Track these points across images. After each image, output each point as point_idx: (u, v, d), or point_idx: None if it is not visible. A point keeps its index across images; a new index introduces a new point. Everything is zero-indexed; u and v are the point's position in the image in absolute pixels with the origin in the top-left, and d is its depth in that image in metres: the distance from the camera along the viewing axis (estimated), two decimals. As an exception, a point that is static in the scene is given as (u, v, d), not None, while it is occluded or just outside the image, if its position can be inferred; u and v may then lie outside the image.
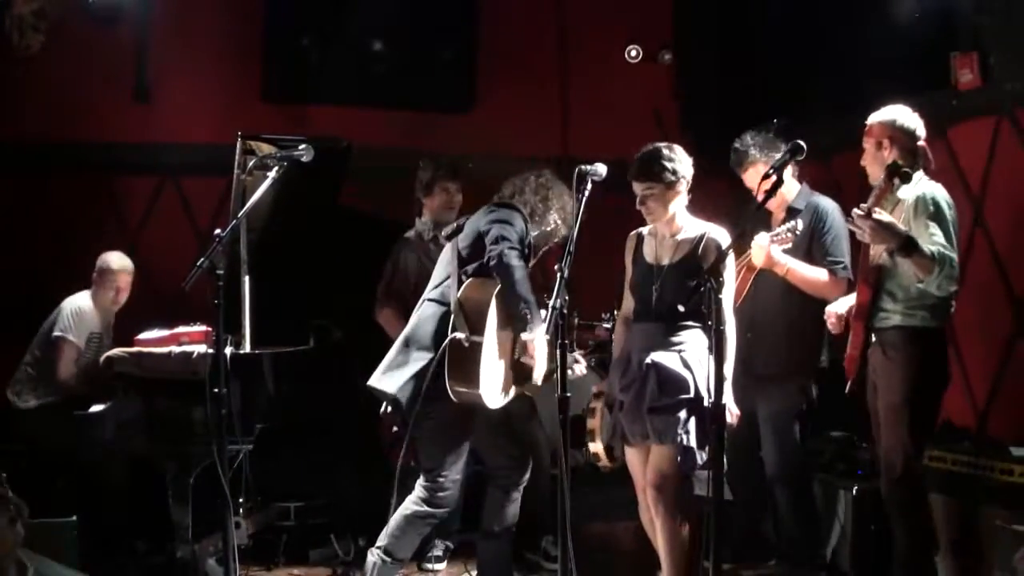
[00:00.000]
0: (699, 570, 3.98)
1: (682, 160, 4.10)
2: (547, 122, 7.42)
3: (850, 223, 4.14)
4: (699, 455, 3.97)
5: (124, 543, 5.13)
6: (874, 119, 4.32)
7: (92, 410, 4.95)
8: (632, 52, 7.22)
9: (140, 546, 5.15)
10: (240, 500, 5.07)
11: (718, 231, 4.12)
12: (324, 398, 5.23)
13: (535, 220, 4.37)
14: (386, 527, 4.22)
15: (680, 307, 4.02)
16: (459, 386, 4.05)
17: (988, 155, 5.37)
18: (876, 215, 4.03)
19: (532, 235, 4.34)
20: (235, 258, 4.76)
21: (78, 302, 5.52)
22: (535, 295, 4.10)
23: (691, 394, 4.00)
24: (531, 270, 4.25)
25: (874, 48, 5.74)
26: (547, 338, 3.98)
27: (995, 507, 4.41)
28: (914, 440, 4.18)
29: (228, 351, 4.30)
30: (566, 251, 3.77)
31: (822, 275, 4.71)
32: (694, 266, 4.05)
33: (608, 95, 7.32)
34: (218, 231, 3.89)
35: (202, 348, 4.59)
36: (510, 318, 4.12)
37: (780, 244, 4.62)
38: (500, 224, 4.16)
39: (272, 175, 4.16)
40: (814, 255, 4.76)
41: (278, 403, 4.76)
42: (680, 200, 4.13)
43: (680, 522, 4.07)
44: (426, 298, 4.32)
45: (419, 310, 4.31)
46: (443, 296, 4.24)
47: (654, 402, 4.02)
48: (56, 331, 5.42)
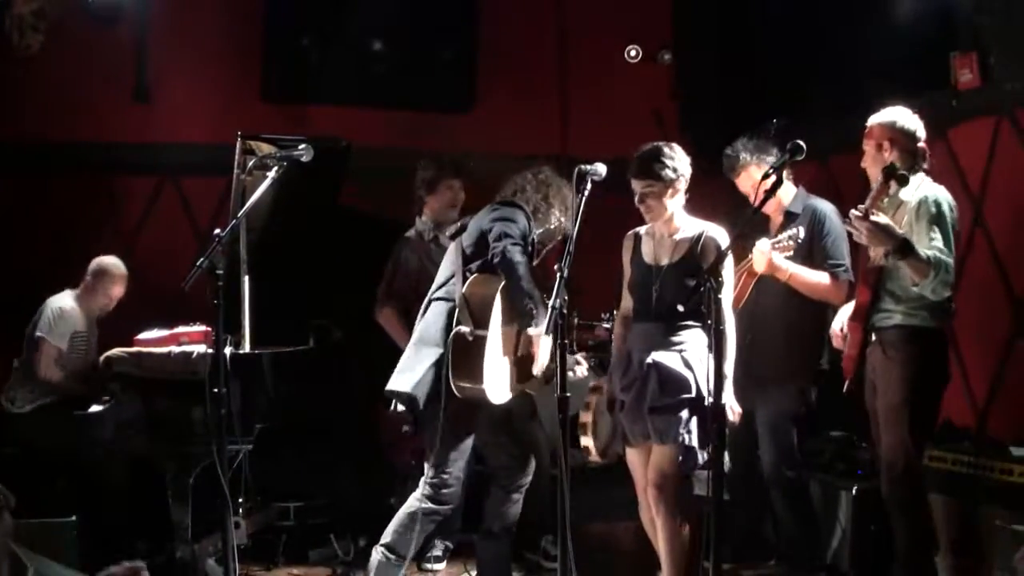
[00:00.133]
0: (699, 570, 3.97)
1: (681, 159, 4.11)
2: (547, 122, 7.42)
3: (847, 224, 4.14)
4: (700, 455, 3.97)
5: (124, 543, 5.11)
6: (874, 121, 4.31)
7: (92, 410, 4.95)
8: (632, 52, 7.21)
9: (140, 546, 5.13)
10: (240, 500, 5.07)
11: (716, 230, 4.12)
12: (324, 398, 5.22)
13: (538, 218, 4.39)
14: (390, 524, 4.24)
15: (680, 307, 4.03)
16: (463, 381, 4.07)
17: (988, 155, 5.37)
18: (873, 217, 4.03)
19: (536, 233, 4.37)
20: (235, 258, 4.76)
21: (60, 303, 5.47)
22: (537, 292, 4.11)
23: (692, 393, 4.00)
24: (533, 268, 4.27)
25: (874, 48, 5.74)
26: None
27: (995, 507, 4.42)
28: (914, 439, 4.18)
29: (228, 351, 4.32)
30: (566, 251, 3.77)
31: (824, 279, 4.71)
32: (693, 265, 4.05)
33: (608, 95, 7.31)
34: (218, 231, 3.89)
35: (202, 348, 4.60)
36: (514, 314, 4.14)
37: (782, 252, 4.61)
38: (503, 222, 4.21)
39: (272, 175, 4.17)
40: (814, 258, 4.75)
41: (278, 403, 4.75)
42: (679, 199, 4.13)
43: (681, 522, 4.07)
44: (432, 298, 4.34)
45: (426, 310, 4.33)
46: (448, 294, 4.27)
47: (655, 402, 4.02)
48: (37, 332, 5.39)
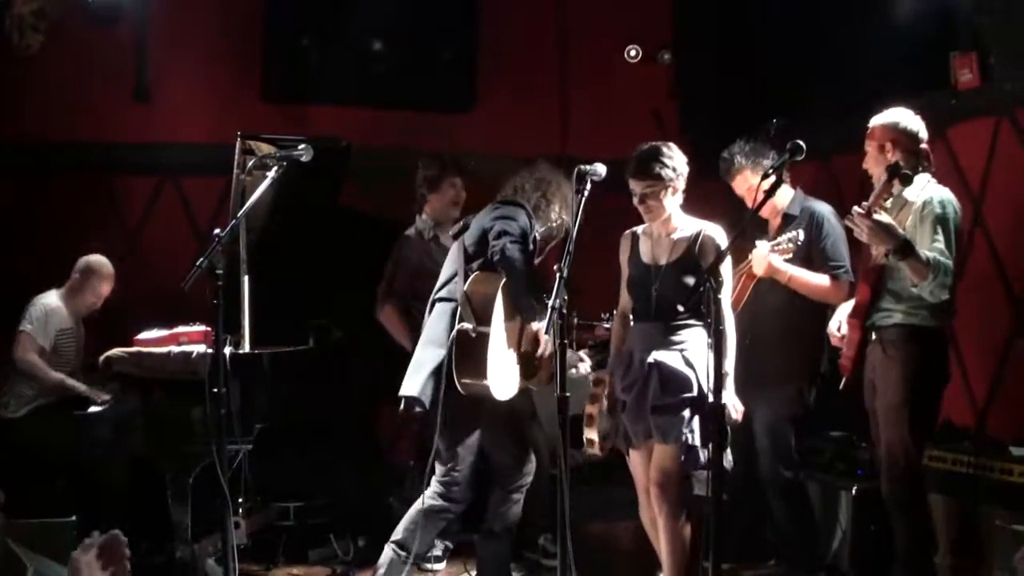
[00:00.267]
0: (699, 570, 3.98)
1: (679, 158, 4.12)
2: (547, 122, 7.41)
3: (849, 221, 4.13)
4: (703, 453, 3.97)
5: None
6: (876, 122, 4.30)
7: (92, 410, 4.98)
8: (631, 52, 7.20)
9: (140, 546, 5.13)
10: (239, 500, 5.08)
11: (714, 228, 4.13)
12: (324, 398, 5.23)
13: (539, 216, 4.42)
14: (401, 521, 4.30)
15: (680, 306, 4.03)
16: (467, 377, 4.09)
17: (988, 155, 5.36)
18: (875, 215, 4.03)
19: (538, 231, 4.38)
20: (234, 258, 4.76)
21: (45, 300, 5.46)
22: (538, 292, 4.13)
23: (694, 392, 4.01)
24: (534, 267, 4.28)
25: (874, 48, 5.73)
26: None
27: (995, 507, 4.42)
28: (914, 439, 4.18)
29: (227, 351, 4.31)
30: (566, 251, 3.78)
31: (824, 280, 4.71)
32: (692, 264, 4.06)
33: (607, 95, 7.31)
34: (217, 231, 3.89)
35: (201, 348, 4.60)
36: (516, 310, 4.14)
37: (781, 255, 4.61)
38: (503, 220, 4.25)
39: (271, 175, 4.17)
40: (813, 261, 4.75)
41: (277, 403, 4.75)
42: (678, 198, 4.14)
43: (682, 521, 4.07)
44: (435, 298, 4.37)
45: (430, 311, 4.35)
46: (451, 294, 4.30)
47: (657, 401, 4.03)
48: (20, 327, 5.37)
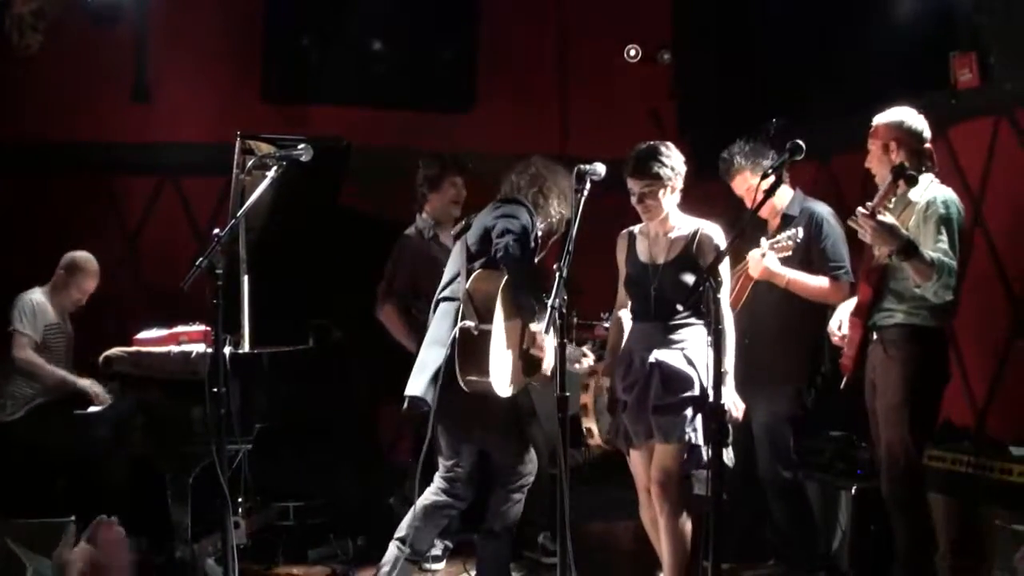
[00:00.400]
0: (699, 569, 3.98)
1: (677, 157, 4.12)
2: (546, 121, 7.42)
3: (852, 222, 4.11)
4: (705, 452, 3.97)
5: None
6: (880, 120, 4.27)
7: (92, 410, 4.98)
8: (631, 52, 7.21)
9: (140, 546, 5.13)
10: (239, 500, 5.06)
11: (711, 227, 4.13)
12: (323, 398, 5.22)
13: (539, 212, 4.42)
14: (405, 518, 4.32)
15: (679, 305, 4.03)
16: (469, 374, 4.09)
17: (987, 155, 5.37)
18: (879, 216, 4.02)
19: (539, 226, 4.39)
20: (234, 257, 4.75)
21: (30, 296, 5.47)
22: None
23: (696, 391, 4.01)
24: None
25: (874, 48, 5.74)
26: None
27: (995, 507, 4.41)
28: (915, 438, 4.17)
29: (227, 351, 4.31)
30: (565, 250, 3.78)
31: (823, 282, 4.70)
32: (690, 263, 4.06)
33: (607, 95, 7.32)
34: (217, 231, 3.89)
35: (201, 347, 4.59)
36: (518, 308, 4.15)
37: (780, 252, 4.60)
38: (505, 218, 4.25)
39: (271, 174, 4.17)
40: (812, 261, 4.74)
41: (277, 403, 4.75)
42: (675, 197, 4.14)
43: (683, 521, 4.08)
44: (439, 298, 4.38)
45: (433, 311, 4.36)
46: (454, 293, 4.31)
47: (659, 400, 4.03)
48: (9, 327, 5.37)
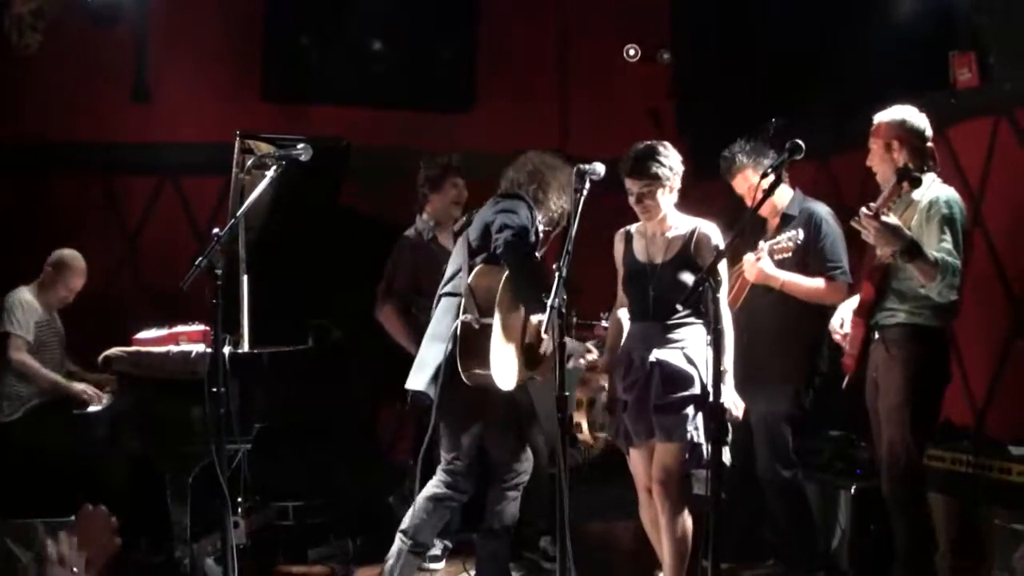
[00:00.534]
0: (698, 569, 3.98)
1: (675, 156, 4.12)
2: (546, 121, 7.42)
3: (856, 223, 4.09)
4: (707, 451, 3.97)
5: (123, 543, 5.10)
6: (881, 119, 4.26)
7: (91, 410, 4.98)
8: (631, 52, 7.21)
9: (140, 546, 5.13)
10: (239, 500, 5.06)
11: (709, 226, 4.13)
12: (323, 398, 5.22)
13: (539, 206, 4.42)
14: (408, 511, 4.33)
15: (677, 304, 4.03)
16: (472, 367, 4.10)
17: (987, 154, 5.36)
18: (884, 217, 4.00)
19: (540, 221, 4.40)
20: (234, 257, 4.75)
21: (17, 295, 5.44)
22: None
23: (697, 390, 4.01)
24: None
25: (874, 48, 5.73)
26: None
27: (995, 506, 4.42)
28: (915, 438, 4.17)
29: (227, 350, 4.31)
30: (564, 250, 3.78)
31: (818, 283, 4.69)
32: (688, 262, 4.07)
33: (607, 95, 7.32)
34: (217, 230, 3.89)
35: (201, 347, 4.60)
36: (519, 302, 4.16)
37: (779, 254, 4.60)
38: (505, 214, 4.26)
39: (270, 174, 4.17)
40: (810, 262, 4.74)
41: (277, 403, 4.75)
42: (673, 197, 4.14)
43: (683, 520, 4.08)
44: (441, 293, 4.40)
45: (436, 307, 4.38)
46: (456, 289, 4.32)
47: (660, 400, 4.03)
48: (4, 328, 5.34)
